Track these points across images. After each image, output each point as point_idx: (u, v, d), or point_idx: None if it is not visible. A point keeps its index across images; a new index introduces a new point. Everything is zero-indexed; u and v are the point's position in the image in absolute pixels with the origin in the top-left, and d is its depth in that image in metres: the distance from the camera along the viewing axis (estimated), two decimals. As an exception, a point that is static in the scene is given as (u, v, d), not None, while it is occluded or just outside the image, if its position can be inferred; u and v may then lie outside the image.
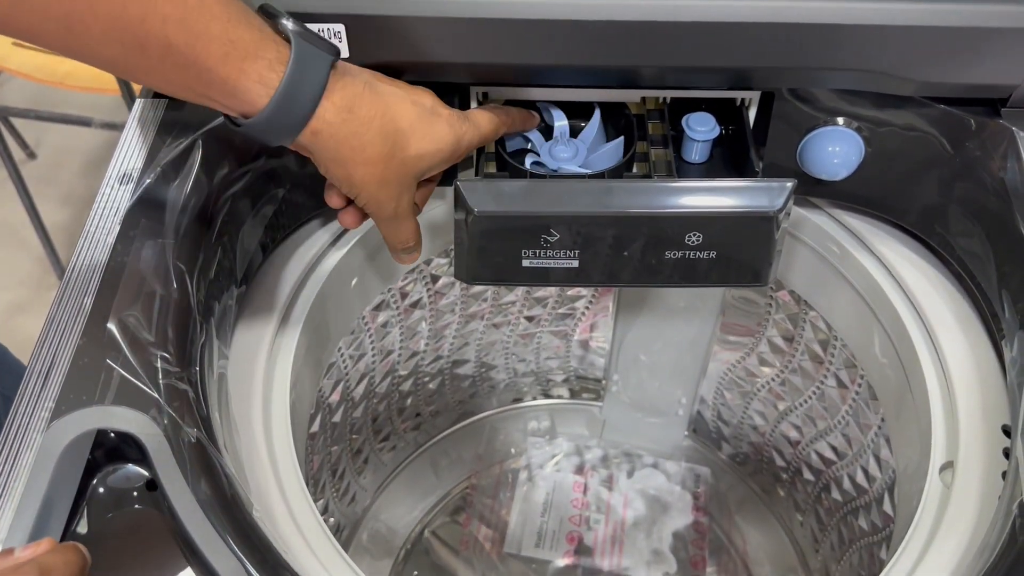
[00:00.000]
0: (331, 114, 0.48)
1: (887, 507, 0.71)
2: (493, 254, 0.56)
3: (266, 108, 0.45)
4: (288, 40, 0.46)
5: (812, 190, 0.63)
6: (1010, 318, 0.55)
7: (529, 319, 0.98)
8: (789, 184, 0.54)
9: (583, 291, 0.95)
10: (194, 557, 0.44)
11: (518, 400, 1.11)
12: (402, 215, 0.55)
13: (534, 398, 1.11)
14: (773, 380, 0.87)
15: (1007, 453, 0.54)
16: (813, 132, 0.60)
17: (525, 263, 0.56)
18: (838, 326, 0.73)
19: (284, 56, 0.45)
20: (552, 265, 0.56)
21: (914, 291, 0.62)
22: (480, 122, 0.56)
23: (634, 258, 0.56)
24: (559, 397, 1.11)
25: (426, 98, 0.53)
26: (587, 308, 0.97)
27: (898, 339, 0.63)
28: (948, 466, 0.56)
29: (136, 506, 0.47)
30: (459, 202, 0.55)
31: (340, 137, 0.48)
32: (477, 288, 0.91)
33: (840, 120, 0.60)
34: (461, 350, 0.97)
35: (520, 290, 0.94)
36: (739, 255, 0.56)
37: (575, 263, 0.56)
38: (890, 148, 0.60)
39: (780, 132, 0.61)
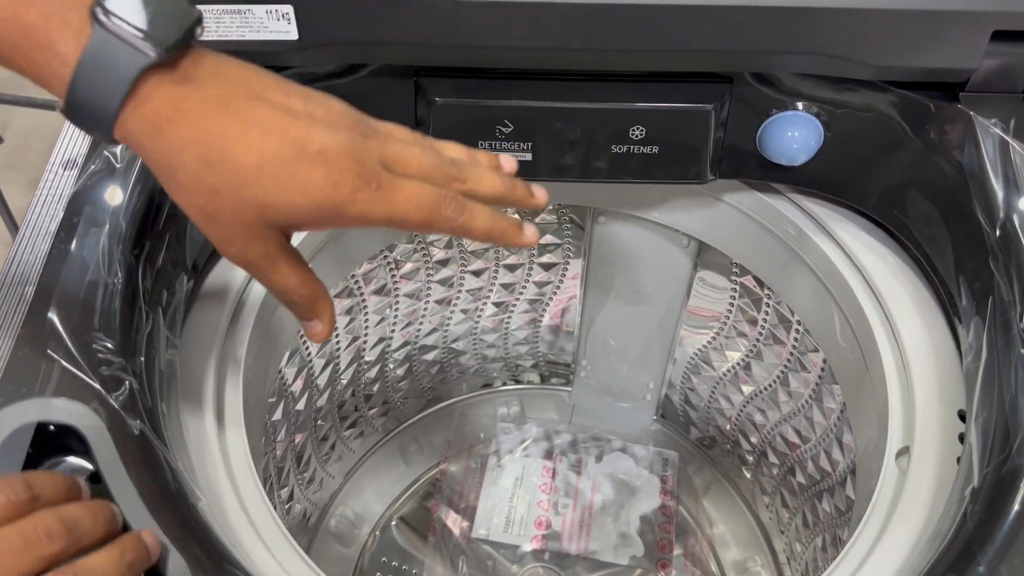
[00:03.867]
0: (134, 124, 0.39)
1: (850, 491, 0.71)
2: None
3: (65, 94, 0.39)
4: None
5: (771, 175, 0.63)
6: (966, 303, 0.55)
7: (497, 305, 0.97)
8: (725, 84, 0.59)
9: (551, 276, 0.94)
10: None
11: (487, 385, 1.11)
12: (258, 263, 0.43)
13: (503, 383, 1.11)
14: (738, 365, 0.87)
15: (962, 438, 0.54)
16: (772, 117, 0.60)
17: None
18: (799, 311, 0.73)
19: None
20: None
21: (873, 276, 0.62)
22: (406, 197, 0.42)
23: (583, 151, 0.60)
24: (528, 382, 1.11)
25: (317, 134, 0.40)
26: (555, 292, 0.97)
27: (857, 324, 0.63)
28: (904, 452, 0.56)
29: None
30: (420, 95, 0.58)
31: (146, 152, 0.40)
32: (444, 274, 0.90)
33: (799, 105, 0.59)
34: (428, 336, 0.97)
35: (487, 275, 0.93)
36: (679, 150, 0.61)
37: (529, 156, 0.60)
38: (849, 133, 0.60)
39: (739, 116, 0.60)
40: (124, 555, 0.39)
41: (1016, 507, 0.45)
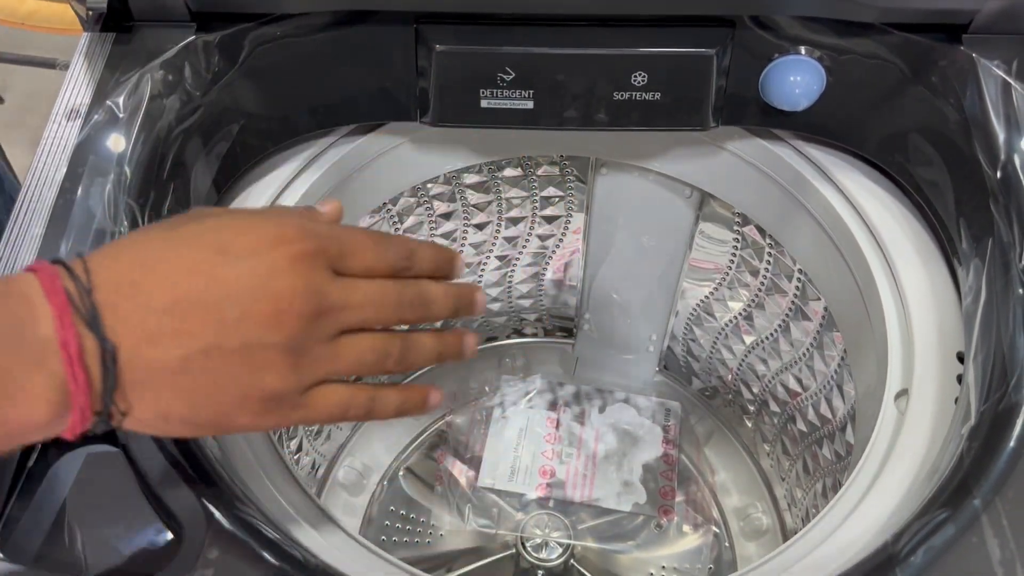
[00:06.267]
0: None
1: (850, 436, 0.72)
2: (454, 93, 0.61)
3: None
4: None
5: (773, 121, 0.63)
6: (966, 246, 0.55)
7: (501, 258, 0.98)
8: (727, 29, 0.59)
9: (554, 230, 0.95)
10: (149, 491, 0.44)
11: (492, 339, 1.11)
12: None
13: (508, 336, 1.12)
14: (740, 315, 0.88)
15: (961, 379, 0.55)
16: (774, 62, 0.60)
17: (484, 104, 0.61)
18: (801, 259, 0.74)
19: None
20: (509, 106, 0.61)
21: (874, 221, 0.62)
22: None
23: (585, 98, 0.60)
24: (533, 336, 1.12)
25: None
26: (557, 246, 0.97)
27: (858, 269, 0.64)
28: (903, 393, 0.57)
29: (95, 441, 0.47)
30: (421, 42, 0.58)
31: None
32: (447, 227, 0.91)
33: (802, 49, 0.59)
34: (432, 289, 0.97)
35: (491, 229, 0.93)
36: (681, 96, 0.61)
37: (530, 104, 0.60)
38: (851, 77, 0.59)
39: (742, 61, 0.60)
40: (441, 341, 0.45)
41: (1012, 443, 0.46)
